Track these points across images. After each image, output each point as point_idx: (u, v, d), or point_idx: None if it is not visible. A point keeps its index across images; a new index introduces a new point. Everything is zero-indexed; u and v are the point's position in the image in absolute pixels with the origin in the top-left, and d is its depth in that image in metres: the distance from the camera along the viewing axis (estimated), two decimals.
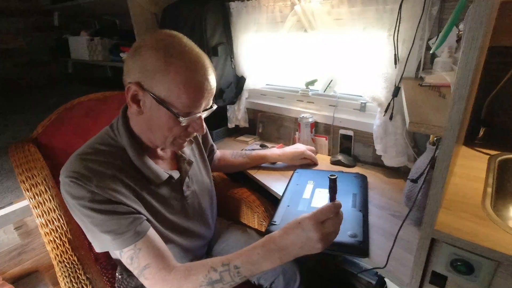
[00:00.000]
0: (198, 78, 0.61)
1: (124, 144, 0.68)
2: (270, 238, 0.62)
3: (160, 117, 0.63)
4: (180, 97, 0.60)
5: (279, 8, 1.20)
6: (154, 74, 0.59)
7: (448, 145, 0.46)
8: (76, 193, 0.60)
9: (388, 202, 0.95)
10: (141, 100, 0.63)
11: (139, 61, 0.60)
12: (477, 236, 0.52)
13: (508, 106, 0.87)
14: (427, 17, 0.90)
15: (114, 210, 0.62)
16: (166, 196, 0.75)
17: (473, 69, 0.40)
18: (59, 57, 2.29)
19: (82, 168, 0.62)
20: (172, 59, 0.59)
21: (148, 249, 0.63)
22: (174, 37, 0.62)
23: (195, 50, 0.62)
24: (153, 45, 0.60)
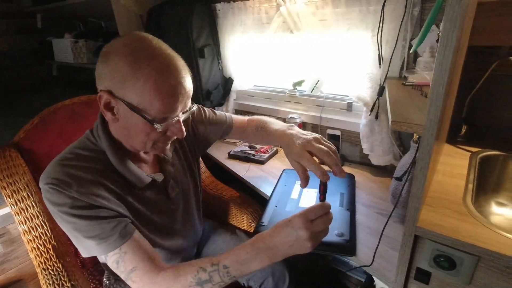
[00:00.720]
0: (171, 82, 0.58)
1: (104, 148, 0.66)
2: (259, 237, 0.62)
3: (136, 123, 0.61)
4: (153, 103, 0.57)
5: (265, 9, 1.21)
6: (124, 81, 0.56)
7: (428, 143, 0.47)
8: (57, 200, 0.59)
9: (375, 200, 0.96)
10: (115, 107, 0.60)
11: (108, 68, 0.58)
12: (458, 232, 0.53)
13: (488, 104, 0.90)
14: (409, 18, 0.91)
15: (97, 215, 0.60)
16: (151, 199, 0.73)
17: (448, 68, 0.41)
18: (42, 60, 2.24)
19: (61, 174, 0.60)
20: (141, 64, 0.56)
21: (134, 251, 0.62)
22: (143, 40, 0.59)
23: (165, 52, 0.59)
24: (120, 50, 0.57)
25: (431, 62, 0.88)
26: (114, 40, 0.60)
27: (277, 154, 1.37)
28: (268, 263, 0.60)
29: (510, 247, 0.49)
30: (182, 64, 0.62)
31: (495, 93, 0.88)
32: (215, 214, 1.17)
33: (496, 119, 0.90)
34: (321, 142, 0.71)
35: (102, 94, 0.59)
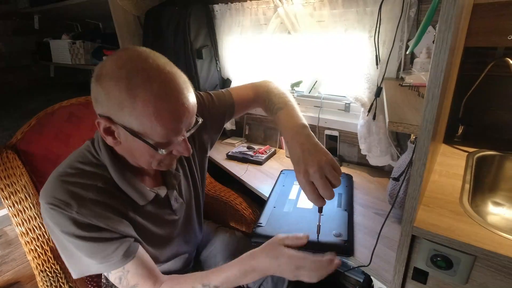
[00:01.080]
0: (171, 106, 0.54)
1: (105, 163, 0.64)
2: (248, 258, 0.65)
3: (139, 147, 0.58)
4: (154, 129, 0.54)
5: (262, 10, 1.21)
6: (121, 108, 0.53)
7: (424, 143, 0.47)
8: (57, 220, 0.58)
9: (373, 200, 0.97)
10: (115, 132, 0.57)
11: (103, 93, 0.54)
12: (454, 231, 0.53)
13: (485, 104, 0.90)
14: (405, 19, 0.92)
15: (99, 237, 0.60)
16: (154, 213, 0.72)
17: (444, 69, 0.41)
18: (39, 61, 2.24)
19: (61, 193, 0.58)
20: (137, 91, 0.51)
21: (136, 270, 0.63)
22: (137, 60, 0.53)
23: (163, 72, 0.54)
24: (114, 74, 0.52)
25: (427, 63, 0.89)
26: (107, 61, 0.55)
27: (275, 155, 1.37)
28: (256, 279, 0.65)
29: (506, 246, 0.49)
30: (183, 81, 0.56)
31: (491, 93, 0.88)
32: (214, 215, 1.17)
33: (493, 119, 0.91)
34: (328, 173, 0.61)
35: (100, 121, 0.56)
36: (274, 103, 0.79)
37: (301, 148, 0.64)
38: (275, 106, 0.79)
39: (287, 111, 0.76)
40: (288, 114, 0.75)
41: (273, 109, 0.79)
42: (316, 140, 0.66)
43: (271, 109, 0.80)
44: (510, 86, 0.85)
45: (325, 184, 0.60)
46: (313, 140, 0.66)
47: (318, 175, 0.60)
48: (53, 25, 2.27)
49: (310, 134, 0.68)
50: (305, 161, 0.62)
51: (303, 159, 0.62)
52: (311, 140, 0.66)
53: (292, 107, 0.77)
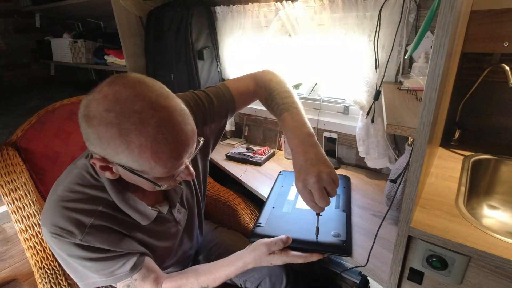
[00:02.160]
0: (170, 146, 0.50)
1: (105, 184, 0.61)
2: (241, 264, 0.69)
3: (139, 181, 0.56)
4: (154, 168, 0.51)
5: (263, 13, 1.22)
6: (117, 152, 0.49)
7: (421, 145, 0.48)
8: (60, 247, 0.58)
9: (370, 202, 0.98)
10: (113, 168, 0.55)
11: (94, 135, 0.49)
12: (450, 232, 0.54)
13: (481, 109, 0.92)
14: (404, 24, 0.93)
15: (105, 256, 0.61)
16: (158, 230, 0.72)
17: (441, 74, 0.42)
18: (40, 59, 2.24)
19: (63, 221, 0.57)
20: (131, 137, 0.48)
21: (143, 279, 0.65)
22: (126, 100, 0.48)
23: (157, 110, 0.49)
24: (102, 118, 0.47)
25: (425, 67, 0.90)
26: (92, 99, 0.49)
27: (274, 156, 1.38)
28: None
29: (500, 247, 0.50)
30: (179, 114, 0.52)
31: (487, 98, 0.90)
32: (213, 215, 1.18)
33: (489, 124, 0.92)
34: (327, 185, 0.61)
35: (95, 162, 0.53)
36: (278, 103, 0.75)
37: (304, 157, 0.64)
38: (279, 107, 0.75)
39: (292, 115, 0.73)
40: (293, 119, 0.72)
41: (276, 110, 0.76)
42: (321, 151, 0.65)
43: (274, 109, 0.77)
44: (506, 92, 0.87)
45: (322, 195, 0.61)
46: (318, 150, 0.65)
47: (317, 185, 0.60)
48: (54, 23, 2.28)
49: (316, 144, 0.67)
50: (306, 171, 0.62)
51: (305, 169, 0.62)
52: (316, 150, 0.65)
53: (297, 109, 0.74)
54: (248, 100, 0.84)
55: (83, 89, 2.28)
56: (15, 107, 1.79)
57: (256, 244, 0.70)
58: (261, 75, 0.82)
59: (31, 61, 2.27)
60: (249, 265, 0.69)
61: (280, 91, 0.77)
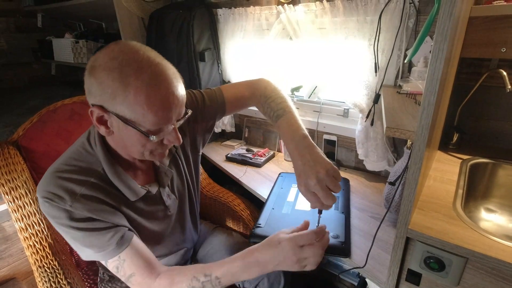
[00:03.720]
0: (162, 94, 0.56)
1: (100, 159, 0.66)
2: (250, 252, 0.65)
3: (131, 136, 0.60)
4: (146, 116, 0.56)
5: (265, 16, 1.24)
6: (114, 96, 0.55)
7: (419, 148, 0.49)
8: (52, 213, 0.61)
9: (369, 204, 0.99)
10: (108, 121, 0.59)
11: (96, 83, 0.56)
12: (447, 234, 0.55)
13: (479, 113, 0.93)
14: (404, 29, 0.95)
15: (93, 227, 0.62)
16: (146, 210, 0.74)
17: (440, 78, 0.43)
18: (41, 59, 2.24)
19: (55, 188, 0.61)
20: (130, 79, 0.54)
21: (132, 259, 0.64)
22: (129, 52, 0.56)
23: (154, 63, 0.56)
24: (107, 65, 0.54)
25: (425, 72, 0.91)
26: (100, 53, 0.57)
27: (274, 158, 1.39)
28: (258, 275, 0.64)
29: (497, 249, 0.51)
30: (172, 72, 0.59)
31: (485, 103, 0.91)
32: (212, 216, 1.18)
33: (486, 128, 0.94)
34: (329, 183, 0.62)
35: (93, 110, 0.58)
36: (273, 109, 0.79)
37: (302, 160, 0.65)
38: (274, 113, 0.78)
39: (287, 120, 0.75)
40: (288, 123, 0.75)
41: (272, 116, 0.79)
42: (316, 151, 0.66)
43: (270, 115, 0.80)
44: (503, 97, 0.88)
45: (326, 194, 0.62)
46: (313, 151, 0.66)
47: (319, 187, 0.61)
48: (56, 23, 2.29)
49: (311, 145, 0.68)
50: (306, 174, 0.63)
51: (304, 172, 0.64)
52: (312, 150, 0.66)
53: (291, 114, 0.77)
54: (240, 106, 0.88)
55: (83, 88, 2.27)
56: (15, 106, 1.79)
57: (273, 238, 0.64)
58: (257, 82, 0.86)
59: (32, 60, 2.28)
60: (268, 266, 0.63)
61: (274, 97, 0.81)
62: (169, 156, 0.80)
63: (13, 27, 2.15)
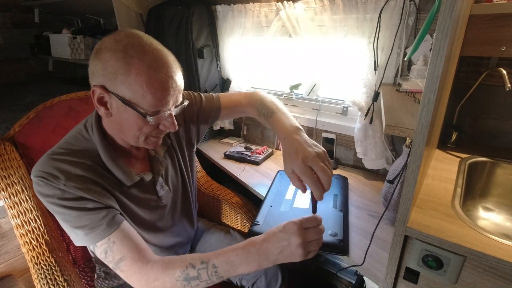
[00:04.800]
0: (161, 76, 0.59)
1: (96, 143, 0.68)
2: (251, 241, 0.63)
3: (129, 117, 0.62)
4: (145, 97, 0.59)
5: (264, 13, 1.23)
6: (116, 76, 0.58)
7: (419, 146, 0.49)
8: (46, 191, 0.61)
9: (367, 203, 0.99)
10: (108, 102, 0.62)
11: (100, 64, 0.59)
12: (445, 232, 0.55)
13: (478, 112, 0.93)
14: (404, 27, 0.94)
15: (84, 206, 0.62)
16: (139, 197, 0.74)
17: (440, 76, 0.43)
18: (38, 55, 2.22)
19: (50, 168, 0.62)
20: (132, 60, 0.57)
21: (122, 241, 0.63)
22: (134, 37, 0.60)
23: (156, 48, 0.60)
24: (112, 46, 0.58)
25: (424, 70, 0.91)
26: (106, 37, 0.61)
27: (272, 156, 1.38)
28: (256, 269, 0.61)
29: (495, 248, 0.51)
30: (172, 59, 0.63)
31: (484, 102, 0.91)
32: (210, 213, 1.18)
33: (485, 127, 0.94)
34: (325, 161, 0.64)
35: (95, 89, 0.60)
36: (268, 108, 0.84)
37: (298, 141, 0.67)
38: (269, 111, 0.83)
39: (281, 114, 0.80)
40: (283, 116, 0.79)
41: (267, 113, 0.83)
42: (304, 139, 0.69)
43: (265, 114, 0.84)
44: (503, 95, 0.88)
45: (324, 169, 0.62)
46: (309, 138, 0.70)
47: (318, 159, 0.63)
48: (53, 19, 2.27)
49: (305, 135, 0.71)
50: (303, 150, 0.65)
51: (302, 149, 0.65)
52: (307, 138, 0.70)
53: (285, 112, 0.82)
54: (235, 112, 0.94)
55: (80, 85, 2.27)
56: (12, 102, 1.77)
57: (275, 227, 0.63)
58: (253, 92, 0.93)
59: (29, 56, 2.26)
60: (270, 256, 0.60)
61: (269, 100, 0.87)
62: (164, 147, 0.81)
63: (10, 22, 2.12)
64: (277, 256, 0.60)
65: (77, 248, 0.99)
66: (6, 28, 2.10)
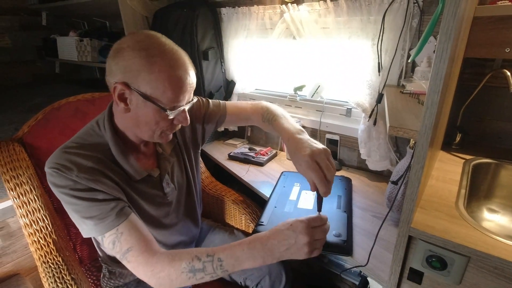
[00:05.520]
0: (181, 74, 0.64)
1: (108, 139, 0.71)
2: (257, 236, 0.64)
3: (147, 113, 0.66)
4: (165, 92, 0.63)
5: (268, 15, 1.24)
6: (139, 73, 0.62)
7: (423, 147, 0.50)
8: (58, 182, 0.64)
9: (371, 204, 0.99)
10: (128, 98, 0.65)
11: (121, 62, 0.62)
12: (449, 233, 0.55)
13: (482, 114, 0.93)
14: (408, 29, 0.95)
15: (95, 197, 0.64)
16: (146, 192, 0.77)
17: (443, 78, 0.43)
18: (45, 57, 2.26)
19: (63, 160, 0.65)
20: (155, 59, 0.61)
21: (130, 232, 0.65)
22: (153, 37, 0.65)
23: (174, 49, 0.66)
24: (134, 46, 0.62)
25: (428, 71, 0.92)
26: (125, 38, 0.65)
27: (276, 157, 1.39)
28: (261, 264, 0.62)
29: (499, 248, 0.51)
30: (188, 59, 0.68)
31: (488, 103, 0.91)
32: (214, 214, 1.19)
33: (489, 128, 0.93)
34: (330, 158, 0.69)
35: (117, 86, 0.63)
36: (272, 113, 0.89)
37: (302, 140, 0.73)
38: (272, 116, 0.88)
39: (284, 119, 0.85)
40: (286, 120, 0.85)
41: (271, 118, 0.88)
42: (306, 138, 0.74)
43: (269, 118, 0.89)
44: (507, 97, 0.88)
45: (329, 165, 0.67)
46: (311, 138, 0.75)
47: (324, 155, 0.67)
48: (60, 22, 2.30)
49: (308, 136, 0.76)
50: (309, 146, 0.69)
51: (307, 145, 0.70)
52: (310, 138, 0.75)
53: (288, 117, 0.87)
54: (240, 119, 0.97)
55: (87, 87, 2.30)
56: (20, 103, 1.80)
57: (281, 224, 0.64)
58: (259, 102, 0.97)
59: (36, 58, 2.29)
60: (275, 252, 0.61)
61: (273, 107, 0.93)
62: (171, 145, 0.85)
63: (18, 25, 2.16)
64: (283, 253, 0.61)
65: (83, 247, 1.00)
66: (14, 31, 2.14)
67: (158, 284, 0.63)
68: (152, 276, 0.63)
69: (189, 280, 0.62)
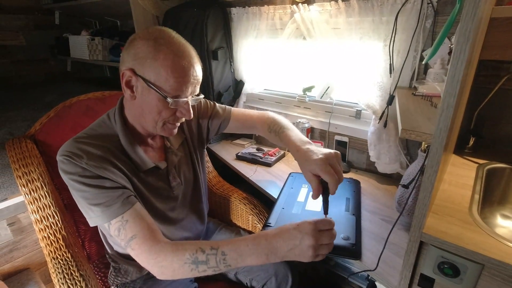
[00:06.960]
0: (184, 64, 0.66)
1: (117, 131, 0.73)
2: (262, 233, 0.64)
3: (151, 100, 0.68)
4: (168, 80, 0.65)
5: (279, 15, 1.23)
6: (145, 60, 0.64)
7: (437, 151, 0.48)
8: (68, 169, 0.66)
9: (380, 207, 0.97)
10: (134, 85, 0.68)
11: (132, 50, 0.66)
12: (463, 239, 0.54)
13: (497, 117, 0.91)
14: (421, 30, 0.93)
15: (103, 185, 0.66)
16: (153, 184, 0.78)
17: (460, 80, 0.42)
18: (57, 55, 2.30)
19: (74, 148, 0.67)
20: (161, 47, 0.64)
21: (135, 220, 0.66)
22: (164, 30, 0.68)
23: (182, 41, 0.68)
24: (145, 36, 0.66)
25: (441, 73, 0.90)
26: (139, 31, 0.69)
27: (284, 158, 1.38)
28: (265, 262, 0.62)
29: None
30: (195, 53, 0.70)
31: (503, 106, 0.89)
32: (221, 213, 1.19)
33: (504, 132, 0.91)
34: (340, 161, 0.72)
35: (125, 72, 0.66)
36: (279, 125, 0.90)
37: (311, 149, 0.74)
38: (280, 127, 0.89)
39: (292, 131, 0.87)
40: (293, 132, 0.86)
41: (278, 130, 0.89)
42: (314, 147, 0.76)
43: (276, 130, 0.90)
44: None
45: (339, 169, 0.69)
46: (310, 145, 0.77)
47: (336, 160, 0.70)
48: (72, 21, 2.34)
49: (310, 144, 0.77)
50: (321, 152, 0.71)
51: (319, 151, 0.72)
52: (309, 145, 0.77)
53: (295, 129, 0.89)
54: (245, 126, 0.99)
55: (97, 85, 2.34)
56: (33, 101, 1.84)
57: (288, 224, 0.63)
58: (266, 112, 0.99)
59: (49, 57, 2.34)
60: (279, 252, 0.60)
61: (280, 119, 0.94)
62: (179, 139, 0.87)
63: (32, 24, 2.20)
64: (287, 253, 0.61)
65: (92, 244, 1.01)
66: (28, 30, 2.18)
67: (160, 273, 0.64)
68: (155, 264, 0.63)
69: (191, 272, 0.62)
